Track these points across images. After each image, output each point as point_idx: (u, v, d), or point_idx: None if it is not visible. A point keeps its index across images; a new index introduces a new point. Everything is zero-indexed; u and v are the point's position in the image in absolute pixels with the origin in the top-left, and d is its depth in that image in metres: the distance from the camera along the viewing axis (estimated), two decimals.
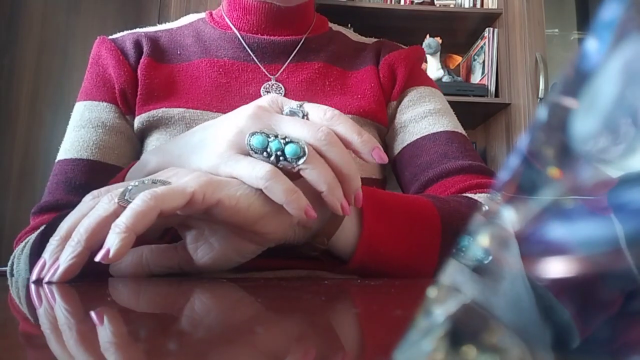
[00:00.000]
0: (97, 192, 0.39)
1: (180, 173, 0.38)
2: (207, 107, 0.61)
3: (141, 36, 0.66)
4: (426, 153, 0.62)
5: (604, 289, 0.10)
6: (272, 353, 0.15)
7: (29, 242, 0.50)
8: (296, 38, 0.69)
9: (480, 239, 0.11)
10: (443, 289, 0.12)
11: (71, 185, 0.57)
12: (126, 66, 0.63)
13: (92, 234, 0.34)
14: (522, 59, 1.95)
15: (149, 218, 0.33)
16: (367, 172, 0.62)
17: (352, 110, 0.63)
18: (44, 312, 0.23)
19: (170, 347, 0.14)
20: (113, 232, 0.32)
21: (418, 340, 0.12)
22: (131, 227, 0.32)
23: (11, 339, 0.16)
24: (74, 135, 0.60)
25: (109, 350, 0.14)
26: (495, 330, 0.11)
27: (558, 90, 0.11)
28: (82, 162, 0.58)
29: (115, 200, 0.35)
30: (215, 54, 0.66)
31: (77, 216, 0.37)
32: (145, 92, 0.62)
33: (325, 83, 0.66)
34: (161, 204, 0.33)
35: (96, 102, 0.62)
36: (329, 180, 0.37)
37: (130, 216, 0.32)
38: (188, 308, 0.25)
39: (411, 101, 0.67)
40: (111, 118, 0.61)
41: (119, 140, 0.61)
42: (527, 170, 0.11)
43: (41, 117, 2.05)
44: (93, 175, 0.57)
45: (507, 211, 0.11)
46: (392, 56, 0.69)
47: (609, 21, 0.10)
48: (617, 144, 0.10)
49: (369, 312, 0.26)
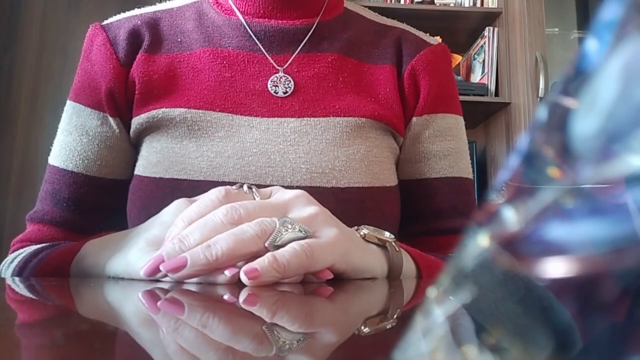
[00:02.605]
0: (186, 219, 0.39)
1: (326, 226, 0.40)
2: (210, 106, 0.57)
3: (137, 24, 0.62)
4: (440, 199, 0.63)
5: (608, 288, 0.10)
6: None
7: (13, 262, 0.52)
8: (307, 23, 0.62)
9: (479, 239, 0.11)
10: (443, 289, 0.12)
11: (57, 197, 0.59)
12: (114, 62, 0.59)
13: (231, 257, 0.35)
14: (522, 58, 1.95)
15: (300, 272, 0.37)
16: (381, 181, 0.58)
17: (365, 113, 0.59)
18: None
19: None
20: (272, 266, 0.34)
21: (418, 340, 0.12)
22: (284, 275, 0.35)
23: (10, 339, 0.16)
24: (63, 140, 0.61)
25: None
26: (495, 330, 0.11)
27: (558, 90, 0.11)
28: (67, 174, 0.59)
29: (266, 244, 0.36)
30: (219, 43, 0.61)
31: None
32: (143, 91, 0.59)
33: (338, 79, 0.61)
34: (313, 266, 0.37)
35: (82, 106, 0.60)
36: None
37: (291, 269, 0.35)
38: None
39: (439, 131, 0.64)
40: (94, 126, 0.60)
41: (101, 151, 0.60)
42: (526, 170, 0.11)
43: (41, 117, 2.05)
44: (76, 189, 0.59)
45: (507, 211, 0.11)
46: (415, 64, 0.64)
47: (609, 21, 0.10)
48: (617, 144, 0.10)
49: (369, 312, 0.26)
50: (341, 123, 0.58)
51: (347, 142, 0.57)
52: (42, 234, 0.58)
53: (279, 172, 0.55)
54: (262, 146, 0.56)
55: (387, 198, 0.59)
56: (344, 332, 0.19)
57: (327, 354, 0.15)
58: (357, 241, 0.43)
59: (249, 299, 0.28)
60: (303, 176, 0.55)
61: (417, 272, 0.48)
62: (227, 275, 0.35)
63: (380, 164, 0.59)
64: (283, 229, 0.36)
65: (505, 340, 0.10)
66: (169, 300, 0.27)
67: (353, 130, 0.58)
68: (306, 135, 0.57)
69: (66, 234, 0.58)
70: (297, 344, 0.16)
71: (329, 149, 0.57)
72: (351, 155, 0.57)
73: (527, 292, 0.11)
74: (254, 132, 0.57)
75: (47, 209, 0.59)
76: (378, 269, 0.43)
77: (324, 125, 0.58)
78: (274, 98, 0.59)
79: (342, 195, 0.55)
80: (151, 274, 0.35)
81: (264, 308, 0.25)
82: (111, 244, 0.44)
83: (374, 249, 0.44)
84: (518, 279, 0.11)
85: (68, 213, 0.59)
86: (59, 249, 0.50)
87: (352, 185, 0.56)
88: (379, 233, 0.45)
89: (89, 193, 0.59)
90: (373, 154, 0.58)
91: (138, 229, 0.44)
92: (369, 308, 0.28)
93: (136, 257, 0.39)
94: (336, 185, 0.55)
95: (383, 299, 0.33)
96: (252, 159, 0.55)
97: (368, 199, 0.56)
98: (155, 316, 0.22)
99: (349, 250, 0.40)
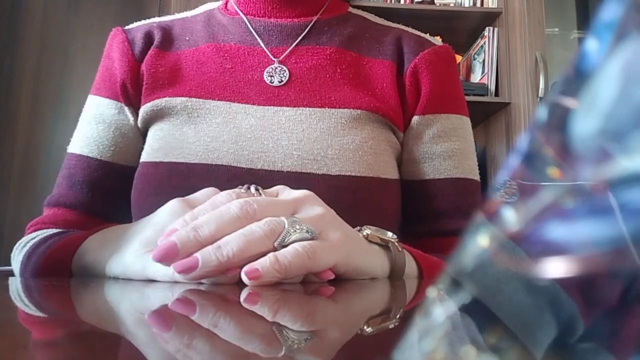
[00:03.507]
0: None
1: (331, 227, 0.40)
2: (210, 95, 0.60)
3: (154, 27, 0.67)
4: (443, 200, 0.63)
5: (608, 288, 0.10)
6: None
7: (26, 245, 0.53)
8: (306, 21, 0.66)
9: (479, 239, 0.11)
10: (443, 289, 0.12)
11: (72, 181, 0.62)
12: (129, 57, 0.64)
13: (242, 257, 0.35)
14: (522, 58, 1.95)
15: (301, 273, 0.36)
16: (376, 172, 0.59)
17: (361, 105, 0.60)
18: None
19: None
20: (273, 267, 0.34)
21: (418, 341, 0.12)
22: (285, 276, 0.35)
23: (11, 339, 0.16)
24: (81, 129, 0.65)
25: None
26: (495, 330, 0.11)
27: (558, 90, 0.11)
28: (83, 159, 0.63)
29: (275, 244, 0.36)
30: (222, 39, 0.65)
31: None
32: (150, 82, 0.63)
33: (336, 71, 0.63)
34: (315, 267, 0.36)
35: (101, 98, 0.65)
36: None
37: (292, 270, 0.35)
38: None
39: (442, 131, 0.64)
40: (111, 115, 0.64)
41: (115, 137, 0.63)
42: (526, 170, 0.11)
43: (41, 117, 2.05)
44: (90, 172, 0.62)
45: (507, 211, 0.11)
46: (418, 62, 0.64)
47: (609, 21, 0.10)
48: (617, 144, 0.10)
49: (369, 312, 0.26)
50: (336, 114, 0.59)
51: (341, 132, 0.58)
52: (57, 217, 0.61)
53: (270, 157, 0.57)
54: (257, 132, 0.58)
55: (382, 190, 0.59)
56: (347, 331, 0.19)
57: (332, 353, 0.15)
58: (360, 242, 0.43)
59: (249, 298, 0.28)
60: (294, 162, 0.56)
61: (419, 273, 0.48)
62: (228, 276, 0.35)
63: (375, 156, 0.59)
64: (292, 229, 0.37)
65: (505, 340, 0.11)
66: (166, 302, 0.27)
67: (348, 122, 0.59)
68: (300, 123, 0.58)
69: (79, 217, 0.61)
70: (305, 343, 0.16)
71: (323, 138, 0.57)
72: (345, 145, 0.57)
73: (527, 291, 0.11)
74: (250, 119, 0.59)
75: (63, 192, 0.62)
76: (380, 269, 0.43)
77: (319, 115, 0.59)
78: (270, 87, 0.61)
79: (333, 182, 0.55)
80: (161, 259, 0.35)
81: (265, 307, 0.25)
82: (109, 243, 0.44)
83: (376, 250, 0.44)
84: (518, 279, 0.11)
85: (82, 195, 0.62)
86: (65, 237, 0.51)
87: (344, 173, 0.56)
88: (381, 233, 0.45)
89: (102, 177, 0.62)
90: (368, 145, 0.58)
91: (134, 227, 0.44)
92: (370, 307, 0.28)
93: (130, 260, 0.40)
94: (327, 173, 0.56)
95: (384, 298, 0.33)
96: (246, 144, 0.57)
97: (361, 188, 0.56)
98: (159, 317, 0.22)
99: (351, 251, 0.40)
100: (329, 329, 0.19)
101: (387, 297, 0.34)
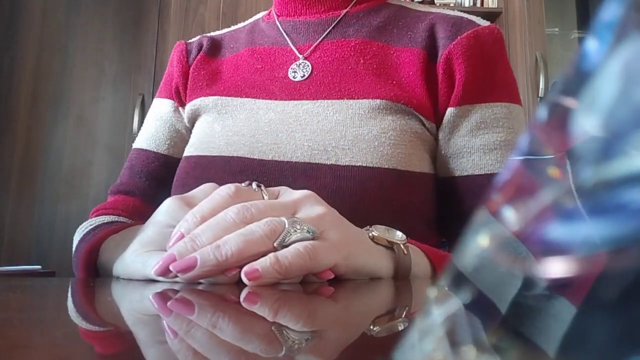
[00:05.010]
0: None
1: (333, 227, 0.40)
2: (239, 93, 0.64)
3: (206, 38, 0.74)
4: (483, 198, 0.60)
5: (608, 288, 0.10)
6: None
7: (84, 230, 0.56)
8: (334, 14, 0.66)
9: (479, 239, 0.11)
10: (443, 289, 0.12)
11: (133, 171, 0.69)
12: (184, 63, 0.72)
13: (241, 257, 0.35)
14: (522, 58, 1.95)
15: (302, 273, 0.36)
16: (392, 164, 0.56)
17: (381, 95, 0.58)
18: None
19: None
20: (273, 267, 0.34)
21: (418, 340, 0.12)
22: (285, 276, 0.35)
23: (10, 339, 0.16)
24: (144, 127, 0.74)
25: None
26: (495, 330, 0.11)
27: (558, 90, 0.11)
28: (142, 152, 0.70)
29: (275, 244, 0.36)
30: (258, 43, 0.70)
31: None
32: (192, 83, 0.69)
33: (359, 62, 0.61)
34: (315, 267, 0.36)
35: (162, 99, 0.73)
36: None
37: (293, 271, 0.35)
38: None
39: (483, 122, 0.59)
40: (167, 112, 0.71)
41: (170, 133, 0.70)
42: (526, 170, 0.11)
43: (41, 116, 2.05)
44: (148, 163, 0.69)
45: (507, 211, 0.11)
46: (453, 49, 0.60)
47: (609, 21, 0.10)
48: (617, 144, 0.10)
49: (369, 311, 0.26)
50: (355, 105, 0.58)
51: (357, 123, 0.57)
52: (117, 203, 0.66)
53: (282, 148, 0.58)
54: (274, 125, 0.60)
55: (398, 182, 0.56)
56: (348, 331, 0.19)
57: (333, 353, 0.15)
58: (363, 242, 0.42)
59: (249, 298, 0.28)
60: (304, 153, 0.56)
61: (433, 271, 0.47)
62: (227, 275, 0.35)
63: (394, 147, 0.56)
64: (292, 229, 0.36)
65: (505, 340, 0.11)
66: (167, 300, 0.27)
67: (367, 112, 0.57)
68: (317, 115, 0.59)
69: (137, 203, 0.66)
70: (305, 344, 0.16)
71: (337, 129, 0.57)
72: (360, 135, 0.56)
73: (527, 291, 0.11)
74: (271, 113, 0.61)
75: (124, 181, 0.69)
76: (383, 270, 0.43)
77: (336, 107, 0.59)
78: (292, 83, 0.63)
79: (340, 172, 0.55)
80: (162, 274, 0.35)
81: (265, 307, 0.25)
82: (122, 242, 0.45)
83: (380, 251, 0.43)
84: (518, 279, 0.11)
85: (140, 183, 0.68)
86: (108, 228, 0.53)
87: (355, 164, 0.55)
88: (390, 234, 0.44)
89: (158, 168, 0.69)
90: (387, 136, 0.56)
91: (139, 228, 0.44)
92: (371, 307, 0.28)
93: (130, 260, 0.40)
94: (336, 163, 0.55)
95: (385, 298, 0.33)
96: (262, 137, 0.59)
97: (370, 179, 0.54)
98: (155, 315, 0.22)
99: (353, 252, 0.40)
100: (330, 329, 0.19)
101: (388, 297, 0.34)
